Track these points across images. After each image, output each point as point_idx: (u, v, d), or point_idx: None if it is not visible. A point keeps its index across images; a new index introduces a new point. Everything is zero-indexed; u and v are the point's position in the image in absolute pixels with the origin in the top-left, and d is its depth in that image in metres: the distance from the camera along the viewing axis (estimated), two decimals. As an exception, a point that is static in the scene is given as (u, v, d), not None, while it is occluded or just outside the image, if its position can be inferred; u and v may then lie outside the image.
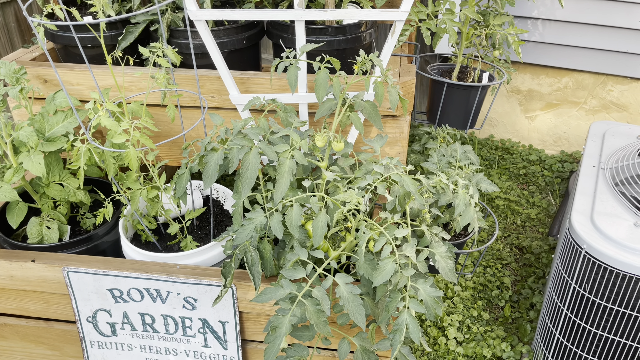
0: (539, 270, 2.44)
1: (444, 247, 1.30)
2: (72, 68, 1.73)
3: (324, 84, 1.30)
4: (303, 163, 1.26)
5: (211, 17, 1.46)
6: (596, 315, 1.61)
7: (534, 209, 2.85)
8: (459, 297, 2.30)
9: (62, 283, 1.53)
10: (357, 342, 1.30)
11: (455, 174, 1.56)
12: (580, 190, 1.79)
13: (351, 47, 1.77)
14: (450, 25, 1.70)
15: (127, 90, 1.71)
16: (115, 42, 1.81)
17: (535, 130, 3.34)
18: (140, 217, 1.60)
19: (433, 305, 1.17)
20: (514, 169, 3.19)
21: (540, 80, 3.17)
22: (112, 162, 1.46)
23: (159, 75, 1.44)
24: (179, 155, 1.87)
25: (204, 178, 1.32)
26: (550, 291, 1.80)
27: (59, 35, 1.82)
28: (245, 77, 1.66)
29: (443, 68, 2.07)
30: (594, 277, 1.57)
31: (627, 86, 2.99)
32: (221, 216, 1.78)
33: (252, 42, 1.86)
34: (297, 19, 1.45)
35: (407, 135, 1.69)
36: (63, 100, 1.61)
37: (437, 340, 2.11)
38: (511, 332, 2.16)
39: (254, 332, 1.55)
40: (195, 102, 1.71)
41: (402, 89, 1.61)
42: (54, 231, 1.62)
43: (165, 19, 1.76)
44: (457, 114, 1.87)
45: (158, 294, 1.49)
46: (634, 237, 1.54)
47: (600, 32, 2.85)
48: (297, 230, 1.22)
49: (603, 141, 2.07)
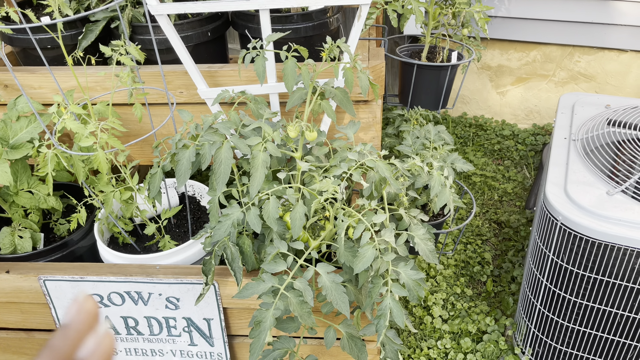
0: (518, 244, 2.48)
1: (423, 229, 1.31)
2: (33, 71, 1.68)
3: (292, 73, 1.28)
4: (277, 155, 1.25)
5: (173, 12, 1.42)
6: (575, 285, 1.65)
7: (510, 184, 2.89)
8: (442, 276, 2.32)
9: (39, 292, 1.49)
10: (343, 329, 1.30)
11: (430, 155, 1.56)
12: (553, 162, 1.81)
13: (318, 33, 1.75)
14: (416, 6, 1.69)
15: (91, 91, 1.67)
16: (76, 42, 1.75)
17: (507, 105, 3.37)
18: (115, 219, 1.57)
19: (415, 288, 1.18)
20: (489, 145, 3.22)
21: (509, 55, 3.20)
22: (81, 166, 1.43)
23: (123, 73, 1.40)
24: (150, 154, 1.83)
25: (177, 176, 1.30)
26: (530, 263, 1.83)
27: (16, 38, 1.76)
28: (213, 70, 1.63)
29: (412, 49, 2.07)
30: (570, 247, 1.60)
31: (594, 56, 3.03)
32: (199, 212, 1.76)
33: (218, 34, 1.82)
34: (261, 8, 1.42)
35: (380, 120, 1.69)
36: (25, 105, 1.56)
37: (423, 320, 2.14)
38: (494, 306, 2.19)
39: (239, 326, 1.54)
40: (163, 98, 1.67)
41: (372, 73, 1.61)
42: (27, 240, 1.58)
43: (126, 15, 1.71)
44: (428, 94, 1.87)
45: (139, 296, 1.47)
46: (607, 205, 1.57)
47: (564, 3, 2.88)
48: (276, 223, 1.22)
49: (573, 112, 2.10)
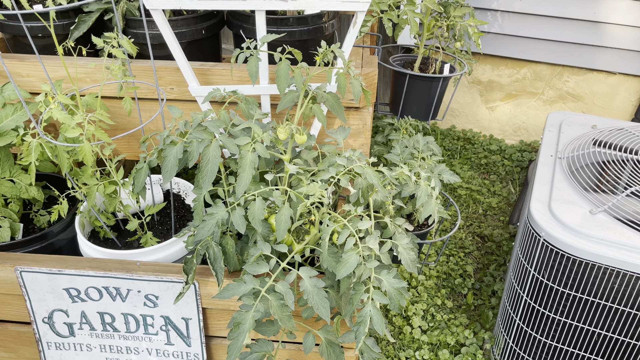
0: (500, 258, 2.50)
1: (407, 238, 1.31)
2: (22, 59, 1.65)
3: (285, 75, 1.28)
4: (265, 156, 1.24)
5: (168, 7, 1.41)
6: (555, 301, 1.66)
7: (495, 198, 2.91)
8: (423, 286, 2.33)
9: (15, 283, 1.46)
10: (322, 335, 1.29)
11: (418, 165, 1.57)
12: (539, 179, 1.83)
13: (313, 37, 1.75)
14: (411, 17, 1.70)
15: (81, 82, 1.65)
16: (68, 32, 1.73)
17: (495, 121, 3.40)
18: (97, 213, 1.55)
19: (397, 296, 1.17)
20: (476, 158, 3.24)
21: (500, 71, 3.23)
22: (65, 157, 1.41)
23: (114, 66, 1.39)
24: (137, 149, 1.81)
25: (163, 172, 1.29)
26: (511, 278, 1.84)
27: (7, 25, 1.73)
28: (205, 69, 1.62)
29: (405, 59, 2.08)
30: (552, 264, 1.61)
31: (582, 77, 3.08)
32: (183, 211, 1.74)
33: (212, 32, 1.82)
34: (257, 9, 1.42)
35: (370, 127, 1.69)
36: (12, 92, 1.54)
37: (402, 330, 2.14)
38: (474, 319, 2.20)
39: (218, 327, 1.53)
40: (154, 94, 1.66)
41: (365, 80, 1.61)
42: (6, 229, 1.55)
43: (120, 7, 1.69)
44: (419, 105, 1.88)
45: (117, 292, 1.45)
46: (589, 224, 1.59)
47: (556, 23, 2.92)
48: (260, 225, 1.21)
49: (560, 131, 2.13)
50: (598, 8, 2.79)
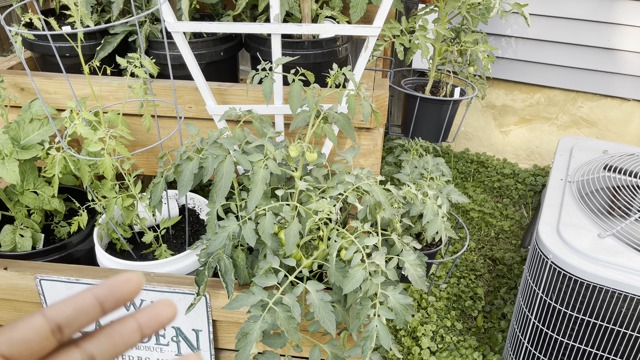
0: (511, 281, 2.49)
1: (414, 255, 1.34)
2: (50, 77, 1.74)
3: (297, 96, 1.33)
4: (277, 172, 1.29)
5: (188, 30, 1.49)
6: (562, 324, 1.66)
7: (508, 221, 2.91)
8: (433, 308, 2.33)
9: (34, 291, 1.52)
10: (328, 349, 1.32)
11: (427, 185, 1.60)
12: (548, 202, 1.85)
13: (327, 60, 1.81)
14: (423, 42, 1.76)
15: (104, 100, 1.72)
16: (94, 52, 1.82)
17: (509, 145, 3.42)
18: (115, 225, 1.60)
19: (402, 312, 1.20)
20: (489, 182, 3.25)
21: (514, 96, 3.26)
22: (87, 171, 1.47)
23: (136, 85, 1.46)
24: (155, 164, 1.88)
25: (178, 187, 1.34)
26: (520, 301, 1.84)
27: (37, 45, 1.83)
28: (223, 89, 1.68)
29: (418, 82, 2.13)
30: (559, 286, 1.62)
31: (597, 103, 3.09)
32: (197, 225, 1.79)
33: (230, 54, 1.89)
34: (273, 32, 1.48)
35: (380, 147, 1.73)
36: (39, 108, 1.62)
37: (411, 350, 2.14)
38: (483, 342, 2.19)
39: (227, 340, 1.56)
40: (172, 112, 1.73)
41: (376, 102, 1.66)
42: (28, 239, 1.61)
43: (144, 30, 1.78)
44: (429, 127, 1.92)
45: (131, 302, 1.50)
46: (598, 247, 1.60)
47: (570, 50, 2.95)
48: (270, 239, 1.25)
49: (571, 155, 2.14)
50: (612, 35, 2.82)
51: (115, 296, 0.37)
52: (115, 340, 0.36)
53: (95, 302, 0.37)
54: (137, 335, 0.37)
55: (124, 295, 0.37)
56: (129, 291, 0.37)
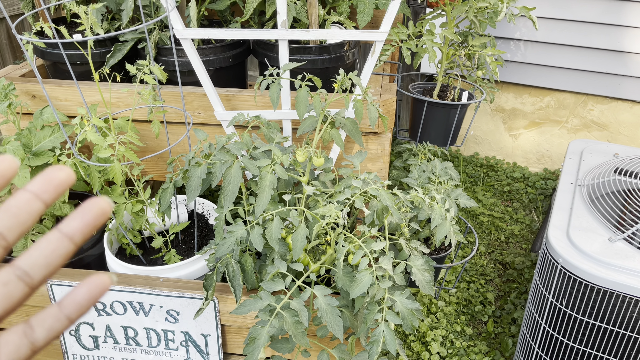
0: (522, 286, 2.47)
1: (421, 259, 1.33)
2: (61, 84, 1.76)
3: (304, 101, 1.34)
4: (284, 177, 1.29)
5: (197, 36, 1.50)
6: (573, 329, 1.64)
7: (518, 226, 2.89)
8: (443, 312, 2.32)
9: (45, 296, 1.54)
10: (336, 354, 1.32)
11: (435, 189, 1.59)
12: (558, 206, 1.83)
13: (334, 66, 1.81)
14: (430, 46, 1.76)
15: (114, 106, 1.74)
16: (104, 60, 1.84)
17: (519, 148, 3.40)
18: (125, 230, 1.62)
19: (410, 317, 1.19)
20: (499, 186, 3.24)
21: (523, 100, 3.25)
22: (97, 176, 1.49)
23: (145, 91, 1.48)
24: (164, 170, 1.90)
25: (187, 192, 1.35)
26: (530, 306, 1.83)
27: (48, 52, 1.86)
28: (231, 94, 1.70)
29: (426, 87, 2.13)
30: (570, 291, 1.60)
31: (607, 105, 3.06)
32: (206, 230, 1.80)
33: (238, 60, 1.90)
34: (280, 38, 1.49)
35: (388, 152, 1.73)
36: (50, 115, 1.64)
37: (421, 355, 2.13)
38: (494, 347, 2.18)
39: (235, 345, 1.56)
40: (181, 118, 1.74)
41: (383, 106, 1.66)
42: (39, 244, 1.63)
43: (153, 37, 1.80)
44: (437, 131, 1.91)
45: (141, 307, 1.51)
46: (608, 251, 1.58)
47: (579, 53, 2.93)
48: (277, 243, 1.25)
49: (581, 159, 2.13)
50: (622, 38, 2.80)
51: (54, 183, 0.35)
52: (14, 212, 0.35)
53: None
54: (38, 202, 0.35)
55: (55, 182, 0.36)
56: (60, 178, 0.36)
